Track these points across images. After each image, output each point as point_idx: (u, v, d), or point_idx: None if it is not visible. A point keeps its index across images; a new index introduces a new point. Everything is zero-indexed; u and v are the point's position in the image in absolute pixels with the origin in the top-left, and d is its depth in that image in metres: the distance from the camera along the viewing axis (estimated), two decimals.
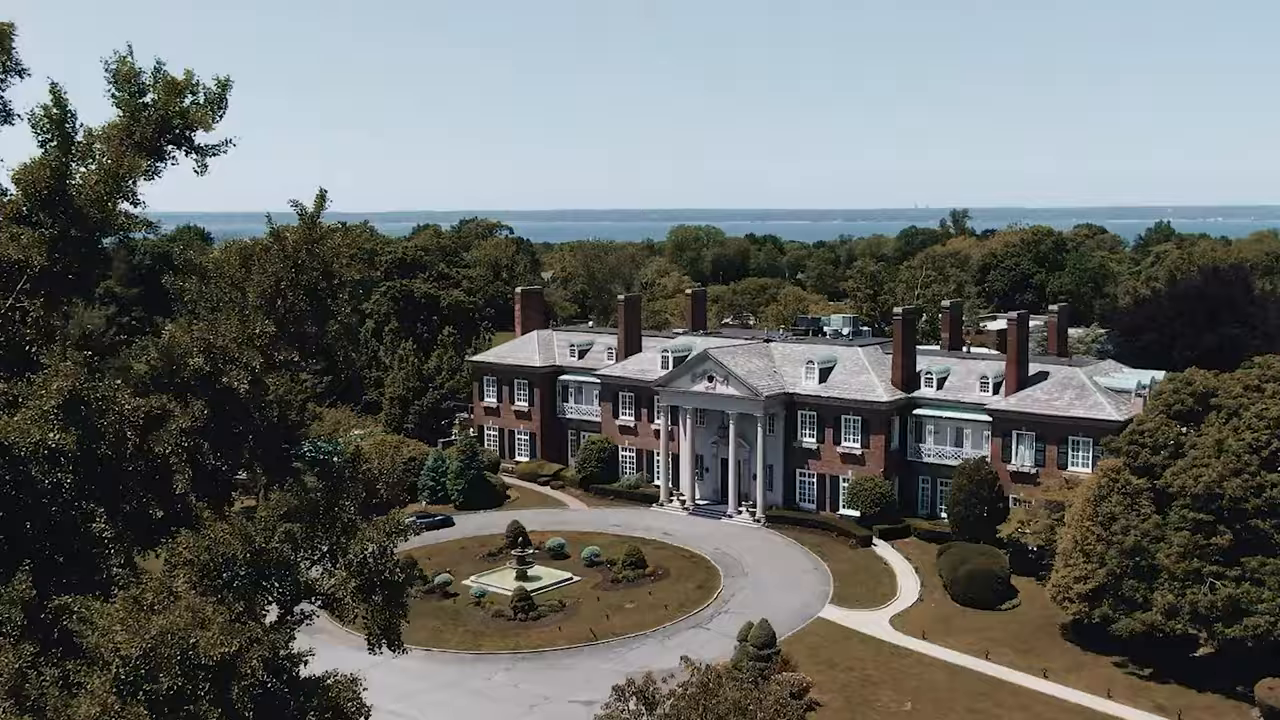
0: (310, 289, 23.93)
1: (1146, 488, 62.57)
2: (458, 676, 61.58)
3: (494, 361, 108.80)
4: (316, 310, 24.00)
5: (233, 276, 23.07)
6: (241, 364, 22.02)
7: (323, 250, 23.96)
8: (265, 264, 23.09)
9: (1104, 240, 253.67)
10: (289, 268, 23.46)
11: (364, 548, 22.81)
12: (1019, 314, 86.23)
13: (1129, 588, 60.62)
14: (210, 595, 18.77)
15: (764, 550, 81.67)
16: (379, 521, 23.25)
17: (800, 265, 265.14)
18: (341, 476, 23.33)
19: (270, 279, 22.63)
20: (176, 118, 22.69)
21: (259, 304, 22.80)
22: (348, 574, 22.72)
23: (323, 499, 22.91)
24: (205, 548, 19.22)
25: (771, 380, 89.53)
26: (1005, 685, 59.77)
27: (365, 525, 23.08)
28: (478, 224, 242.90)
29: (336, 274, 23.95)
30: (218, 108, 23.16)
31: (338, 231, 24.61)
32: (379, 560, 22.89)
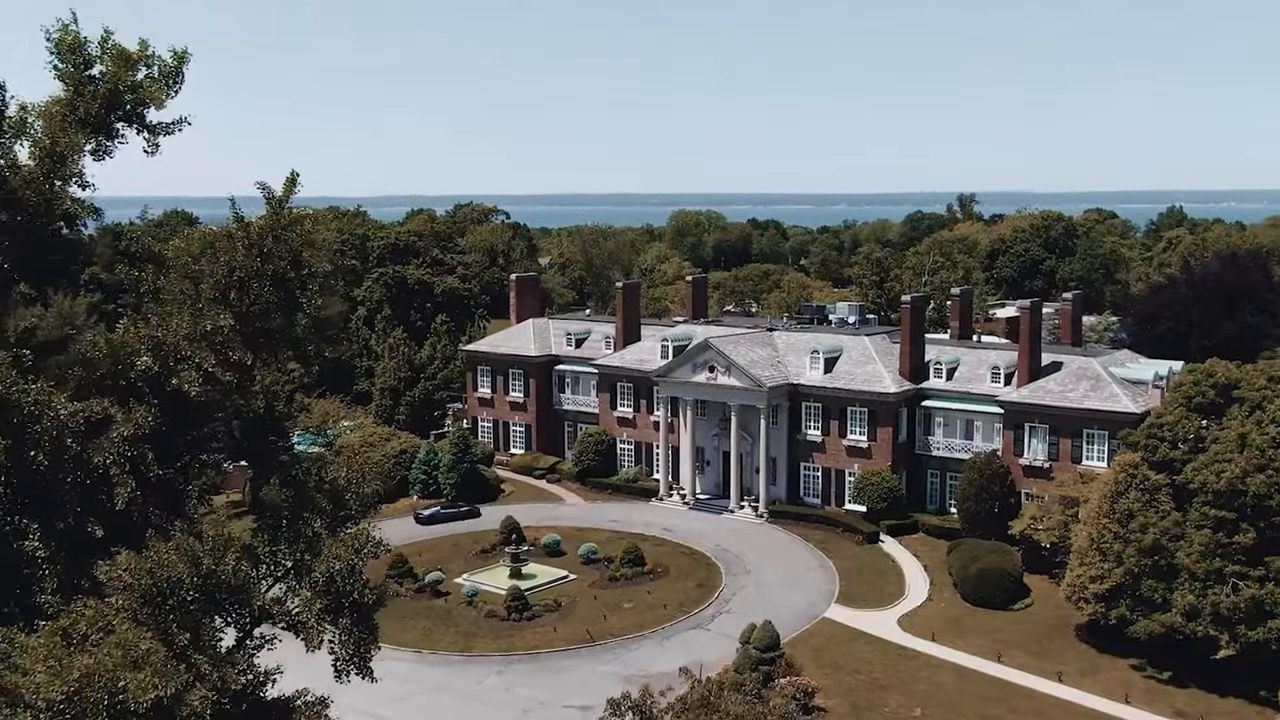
0: (278, 279, 22.35)
1: (1165, 483, 61.34)
2: (448, 679, 60.28)
3: (488, 351, 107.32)
4: (284, 302, 22.41)
5: (186, 268, 21.46)
6: (194, 363, 20.41)
7: (291, 238, 22.36)
8: (227, 253, 21.48)
9: (1114, 225, 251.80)
10: (254, 257, 21.87)
11: (330, 566, 21.26)
12: (1032, 302, 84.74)
13: (1147, 588, 59.39)
14: (151, 625, 17.24)
15: (767, 547, 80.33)
16: (346, 537, 21.69)
17: (804, 251, 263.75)
18: (305, 486, 21.72)
19: (224, 269, 21.03)
20: (127, 92, 21.08)
21: (214, 296, 21.19)
22: (312, 594, 21.17)
23: (286, 510, 21.30)
24: (147, 571, 17.69)
25: (775, 370, 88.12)
26: (1018, 689, 58.52)
27: (332, 541, 21.52)
28: (473, 209, 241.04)
29: (306, 263, 22.35)
30: (172, 82, 21.56)
31: (308, 217, 22.97)
32: (347, 580, 21.35)
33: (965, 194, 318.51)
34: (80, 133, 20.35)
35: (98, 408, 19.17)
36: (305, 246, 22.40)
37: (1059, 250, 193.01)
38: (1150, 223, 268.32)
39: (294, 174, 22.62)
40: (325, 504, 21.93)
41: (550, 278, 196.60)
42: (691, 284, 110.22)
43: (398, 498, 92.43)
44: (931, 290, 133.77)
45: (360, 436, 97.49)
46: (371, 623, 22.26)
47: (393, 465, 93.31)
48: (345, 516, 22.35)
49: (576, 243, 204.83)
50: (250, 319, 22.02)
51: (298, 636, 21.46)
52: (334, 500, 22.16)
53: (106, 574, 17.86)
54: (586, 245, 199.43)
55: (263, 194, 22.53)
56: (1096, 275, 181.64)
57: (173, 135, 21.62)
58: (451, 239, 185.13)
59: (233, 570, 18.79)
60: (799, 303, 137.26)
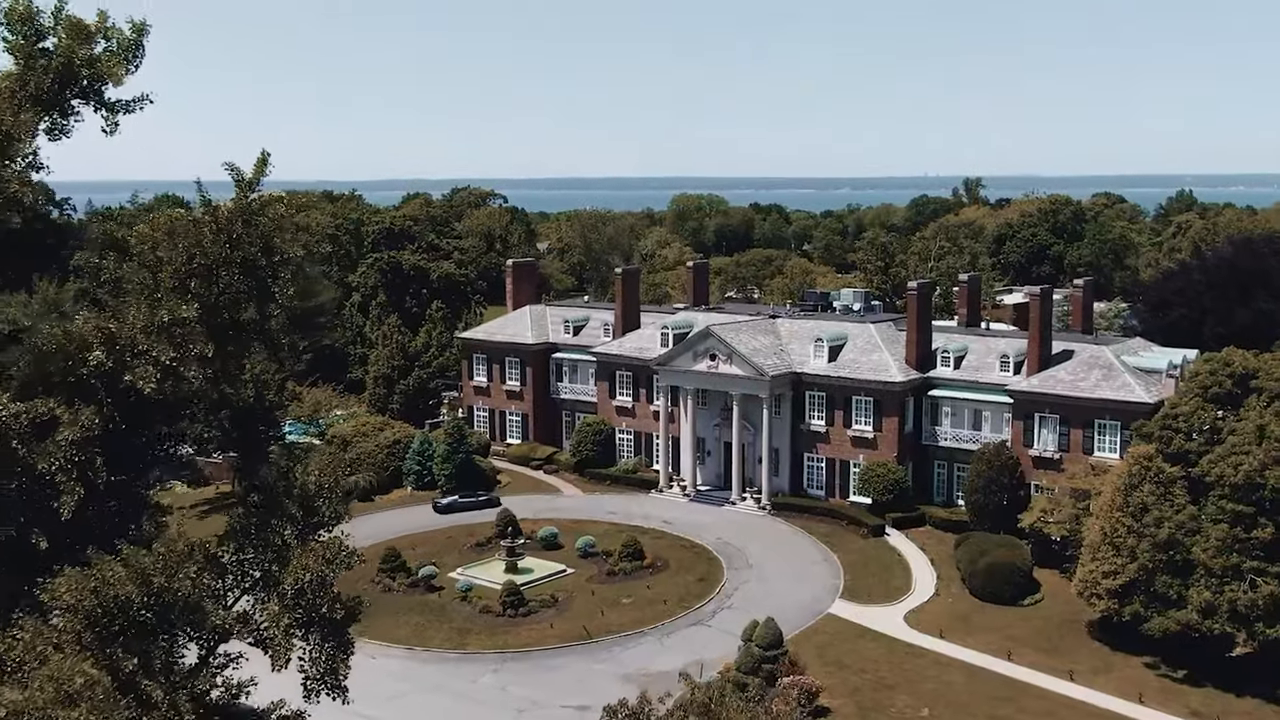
0: (248, 267, 21.09)
1: (1181, 476, 60.27)
2: (441, 678, 59.23)
3: (484, 338, 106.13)
4: (255, 291, 21.15)
5: (145, 255, 20.18)
6: (151, 358, 19.16)
7: (262, 222, 21.10)
8: (193, 238, 20.20)
9: (1123, 210, 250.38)
10: (222, 243, 20.61)
11: (299, 577, 20.03)
12: (1042, 288, 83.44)
13: (1162, 584, 58.30)
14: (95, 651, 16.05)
15: (769, 540, 79.24)
16: (316, 546, 20.44)
17: (807, 235, 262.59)
18: (274, 491, 20.49)
19: (184, 256, 19.74)
20: (84, 67, 19.79)
21: (174, 285, 19.93)
22: (280, 608, 19.94)
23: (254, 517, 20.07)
24: (91, 590, 16.49)
25: (778, 359, 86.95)
26: (1029, 688, 57.48)
27: (302, 551, 20.29)
28: (470, 192, 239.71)
29: (278, 250, 21.08)
30: (132, 56, 20.27)
31: (280, 200, 21.70)
32: (317, 593, 20.12)
33: (971, 178, 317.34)
34: (32, 111, 19.09)
35: (43, 408, 17.96)
36: (278, 232, 21.10)
37: (1067, 235, 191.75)
38: (1159, 207, 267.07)
39: (264, 154, 21.34)
40: (295, 510, 20.70)
41: (549, 263, 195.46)
42: (692, 270, 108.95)
43: (391, 489, 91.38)
44: (937, 276, 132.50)
45: (353, 426, 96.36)
46: (345, 638, 21.09)
47: (386, 456, 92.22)
48: (317, 523, 21.16)
49: (575, 227, 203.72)
50: (218, 309, 20.76)
51: (265, 653, 20.26)
52: (305, 506, 20.94)
53: (49, 594, 16.64)
54: (585, 230, 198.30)
55: (231, 176, 21.27)
56: (1105, 261, 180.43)
57: (133, 114, 20.35)
58: (448, 223, 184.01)
59: (192, 585, 17.59)
60: (802, 289, 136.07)
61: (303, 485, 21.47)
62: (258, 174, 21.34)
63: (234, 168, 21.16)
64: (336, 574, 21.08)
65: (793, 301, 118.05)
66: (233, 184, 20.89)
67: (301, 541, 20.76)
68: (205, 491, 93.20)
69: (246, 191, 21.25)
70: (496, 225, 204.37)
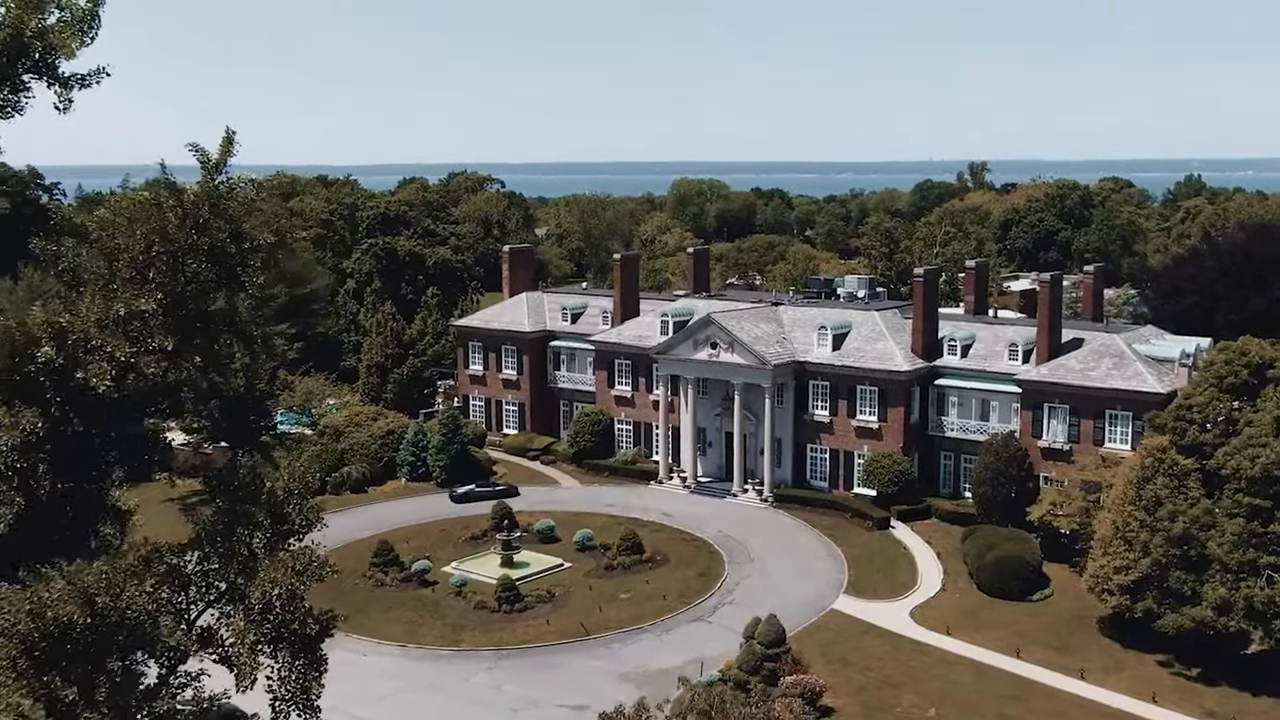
0: (216, 254, 19.87)
1: (1195, 469, 59.26)
2: (435, 676, 58.23)
3: (479, 326, 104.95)
4: (225, 280, 19.94)
5: (102, 242, 18.95)
6: (106, 354, 17.96)
7: (230, 207, 19.87)
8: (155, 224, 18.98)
9: (1131, 195, 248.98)
10: (187, 228, 19.39)
11: (267, 590, 18.84)
12: (1052, 275, 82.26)
13: (1176, 580, 57.31)
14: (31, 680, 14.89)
15: (772, 533, 78.20)
16: (285, 557, 19.24)
17: (809, 221, 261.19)
18: (239, 498, 19.28)
19: (142, 243, 18.53)
20: (35, 39, 18.55)
21: (130, 275, 18.72)
22: (246, 624, 18.75)
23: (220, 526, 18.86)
24: (28, 612, 15.29)
25: (780, 347, 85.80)
26: (1038, 687, 56.50)
27: (270, 562, 19.10)
28: (467, 177, 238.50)
29: (247, 236, 19.86)
30: (87, 27, 19.03)
31: (250, 183, 20.47)
32: (286, 607, 18.93)
33: (976, 162, 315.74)
34: None
35: None
36: (247, 216, 19.87)
37: (1074, 221, 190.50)
38: (1167, 192, 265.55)
39: (230, 133, 20.11)
40: (263, 518, 19.49)
41: (547, 249, 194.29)
42: (693, 256, 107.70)
43: (385, 480, 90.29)
44: (943, 262, 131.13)
45: (346, 416, 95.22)
46: (317, 654, 19.88)
47: (379, 446, 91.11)
48: (287, 531, 19.97)
49: (574, 213, 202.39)
50: (184, 300, 19.53)
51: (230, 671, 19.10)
52: (273, 513, 19.73)
53: None
54: (585, 215, 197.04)
55: (196, 157, 20.04)
56: (1113, 247, 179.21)
57: (89, 89, 19.10)
58: (444, 209, 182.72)
59: (149, 599, 16.42)
60: (805, 275, 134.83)
61: (271, 491, 20.23)
62: (224, 155, 20.13)
63: (199, 149, 19.94)
64: (308, 586, 19.86)
65: (795, 288, 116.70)
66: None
67: (270, 551, 19.55)
68: (194, 484, 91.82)
69: (213, 174, 20.01)
70: (494, 210, 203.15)
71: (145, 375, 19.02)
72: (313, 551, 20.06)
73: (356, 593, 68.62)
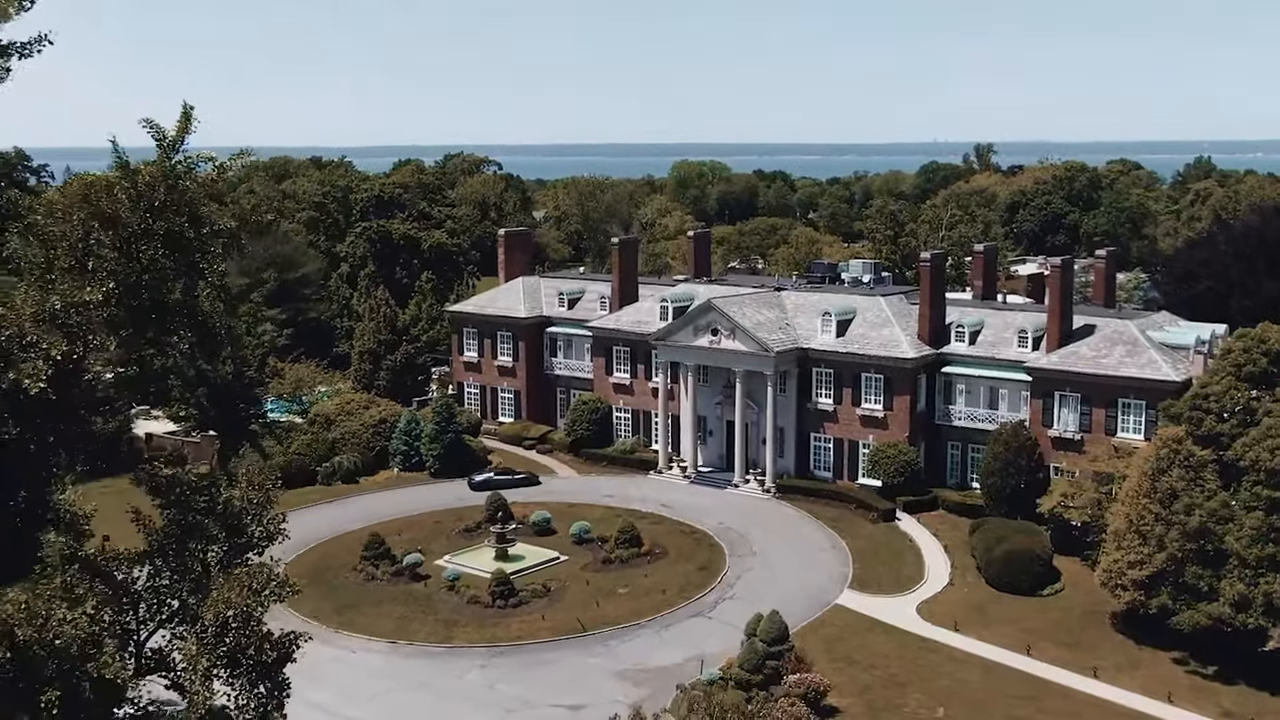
0: (173, 240, 18.48)
1: (1212, 460, 57.94)
2: (426, 674, 57.01)
3: (474, 311, 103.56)
4: (183, 268, 18.56)
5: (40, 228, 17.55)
6: (41, 351, 16.58)
7: (189, 188, 18.48)
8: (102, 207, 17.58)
9: (1139, 177, 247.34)
10: (141, 212, 18.00)
11: (220, 611, 17.46)
12: (1063, 259, 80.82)
13: (1192, 575, 56.09)
14: None
15: (774, 525, 76.96)
16: (241, 575, 17.86)
17: (812, 204, 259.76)
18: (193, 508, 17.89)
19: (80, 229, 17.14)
20: None
21: (70, 264, 17.33)
22: (199, 649, 17.37)
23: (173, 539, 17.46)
24: None
25: (783, 333, 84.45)
26: (1050, 686, 55.30)
27: (225, 581, 17.72)
28: (463, 159, 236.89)
29: (207, 220, 18.47)
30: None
31: (210, 162, 19.07)
32: (242, 630, 17.55)
33: (982, 144, 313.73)
34: None
35: None
36: (206, 199, 18.47)
37: (1083, 203, 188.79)
38: (1176, 174, 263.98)
39: (188, 107, 18.70)
40: (217, 531, 18.10)
41: (545, 232, 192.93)
42: (693, 239, 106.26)
43: (377, 470, 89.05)
44: (949, 246, 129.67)
45: (337, 404, 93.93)
46: (278, 679, 18.50)
47: (371, 435, 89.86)
48: (245, 545, 18.59)
49: (572, 195, 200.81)
50: (137, 290, 18.15)
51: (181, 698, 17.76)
52: (229, 526, 18.33)
53: None
54: (583, 197, 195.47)
55: (151, 135, 18.63)
56: (1123, 230, 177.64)
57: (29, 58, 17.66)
58: (440, 191, 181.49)
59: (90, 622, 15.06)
60: (808, 259, 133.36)
61: (227, 500, 18.82)
62: (181, 132, 18.71)
63: (153, 125, 18.52)
64: (265, 607, 18.46)
65: (799, 273, 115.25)
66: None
67: (227, 567, 18.17)
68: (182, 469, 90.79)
69: (169, 152, 18.60)
70: (491, 193, 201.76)
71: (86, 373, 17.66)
72: (270, 569, 18.60)
73: (346, 587, 67.53)
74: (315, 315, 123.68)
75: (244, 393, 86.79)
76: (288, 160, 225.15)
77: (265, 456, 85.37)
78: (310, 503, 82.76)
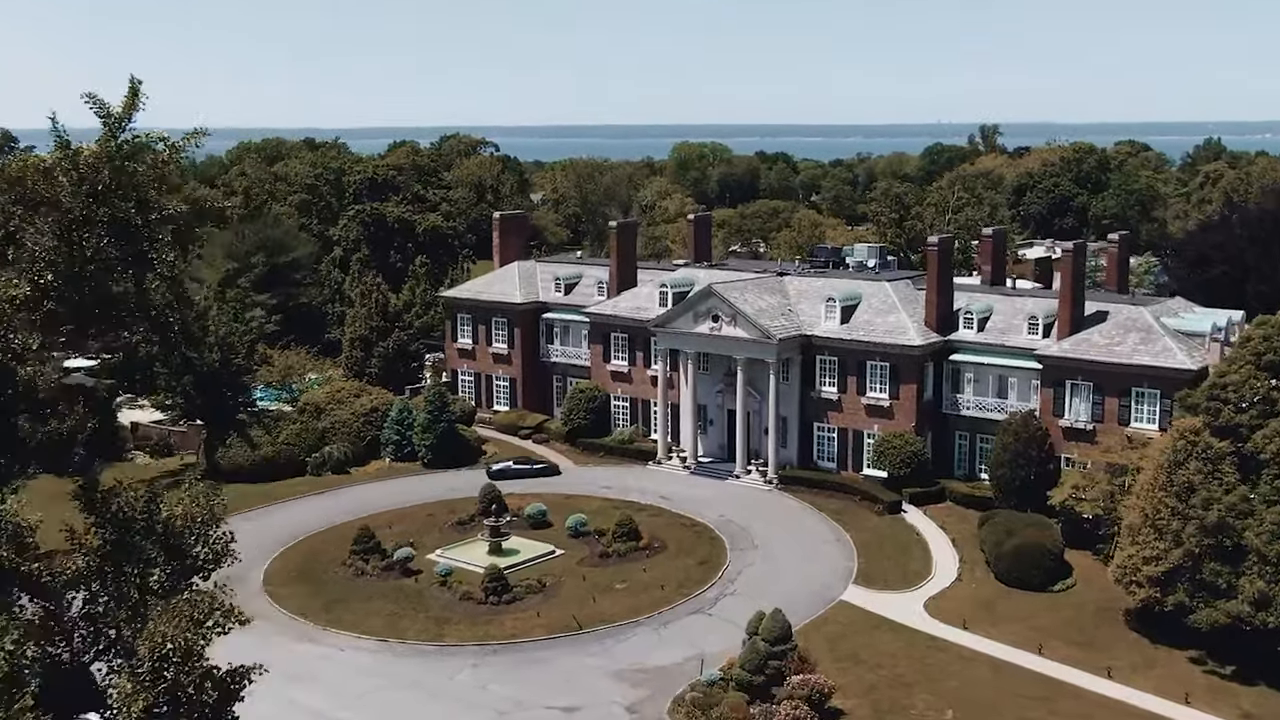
0: (120, 227, 16.96)
1: (1230, 452, 56.38)
2: (415, 674, 55.64)
3: (468, 297, 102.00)
4: (131, 258, 17.05)
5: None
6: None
7: (137, 171, 16.95)
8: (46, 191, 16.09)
9: (1148, 159, 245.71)
10: (83, 196, 16.49)
11: (156, 645, 15.92)
12: (1075, 243, 79.25)
13: (1210, 572, 54.65)
14: None
15: (776, 517, 75.59)
16: (180, 604, 16.31)
17: (815, 186, 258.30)
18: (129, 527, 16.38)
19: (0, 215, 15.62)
20: None
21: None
22: (134, 687, 15.86)
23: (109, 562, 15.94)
24: None
25: (786, 320, 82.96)
26: (1063, 686, 53.94)
27: (162, 610, 16.19)
28: (460, 140, 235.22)
29: (156, 205, 16.95)
30: None
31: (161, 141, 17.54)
32: (182, 667, 16.00)
33: (987, 125, 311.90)
34: None
35: None
36: (155, 182, 16.94)
37: (1091, 185, 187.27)
38: (1185, 156, 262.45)
39: (136, 82, 17.15)
40: (156, 553, 16.57)
41: (542, 215, 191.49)
42: (694, 222, 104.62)
43: (368, 460, 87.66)
44: (956, 229, 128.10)
45: (327, 392, 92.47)
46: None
47: (362, 425, 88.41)
48: (190, 568, 17.08)
49: (571, 177, 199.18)
50: (80, 281, 16.64)
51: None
52: (169, 547, 16.80)
53: None
54: (581, 180, 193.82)
55: (95, 112, 17.07)
56: (1132, 213, 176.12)
57: None
58: (436, 173, 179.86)
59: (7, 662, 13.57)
60: (811, 243, 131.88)
61: (167, 520, 17.26)
62: (129, 109, 17.16)
63: (96, 100, 16.99)
64: (209, 640, 16.92)
65: (802, 257, 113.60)
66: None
67: (169, 593, 16.65)
68: (169, 463, 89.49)
69: (116, 131, 17.05)
70: (487, 175, 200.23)
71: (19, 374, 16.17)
72: (215, 597, 17.07)
73: (335, 582, 66.22)
74: (306, 300, 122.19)
75: (231, 380, 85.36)
76: (280, 142, 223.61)
77: (253, 446, 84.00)
78: (299, 494, 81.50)
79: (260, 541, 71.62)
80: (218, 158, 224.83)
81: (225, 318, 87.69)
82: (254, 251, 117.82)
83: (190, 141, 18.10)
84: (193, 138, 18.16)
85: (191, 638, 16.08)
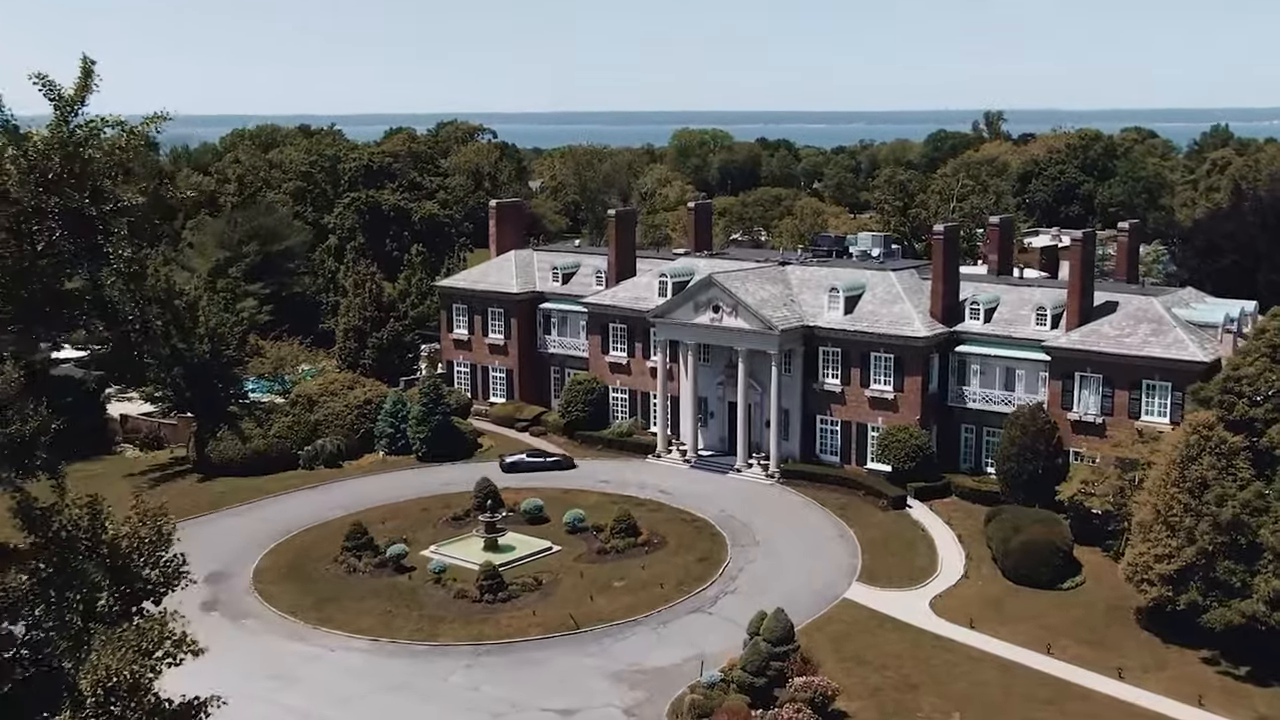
0: (73, 218, 15.84)
1: (1245, 447, 55.34)
2: (408, 675, 54.62)
3: (464, 287, 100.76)
4: (84, 252, 15.93)
5: None
6: None
7: (92, 159, 15.81)
8: None
9: (1155, 146, 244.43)
10: (33, 185, 15.36)
11: (99, 678, 14.74)
12: (1084, 232, 78.08)
13: (1224, 570, 53.66)
14: None
15: (778, 513, 74.52)
16: (127, 633, 15.13)
17: (817, 173, 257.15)
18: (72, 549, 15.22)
19: None
20: None
21: None
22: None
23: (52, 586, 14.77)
24: None
25: (788, 310, 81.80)
26: (1072, 688, 52.93)
27: (106, 640, 15.04)
28: (457, 127, 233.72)
29: (110, 196, 15.82)
30: None
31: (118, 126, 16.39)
32: (129, 702, 14.83)
33: (992, 111, 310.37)
34: None
35: None
36: (112, 170, 15.81)
37: (1098, 173, 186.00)
38: (1192, 143, 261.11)
39: (89, 62, 15.97)
40: (99, 577, 15.38)
41: (541, 202, 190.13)
42: (694, 210, 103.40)
43: (361, 453, 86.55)
44: (961, 217, 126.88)
45: (320, 384, 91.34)
46: None
47: (356, 417, 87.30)
48: (140, 593, 15.92)
49: (569, 164, 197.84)
50: (29, 276, 15.51)
51: None
52: (115, 572, 15.62)
53: None
54: (580, 167, 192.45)
55: (45, 95, 15.91)
56: (1139, 200, 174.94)
57: None
58: (432, 160, 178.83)
59: None
60: (813, 231, 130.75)
61: (113, 540, 16.06)
62: (81, 91, 16.00)
63: (46, 81, 15.83)
64: (158, 672, 15.73)
65: (804, 246, 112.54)
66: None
67: (116, 620, 15.50)
68: (159, 456, 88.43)
69: (68, 115, 15.91)
70: (485, 162, 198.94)
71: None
72: (164, 624, 15.88)
73: (326, 580, 65.18)
74: (300, 290, 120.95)
75: (222, 372, 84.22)
76: (275, 129, 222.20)
77: (244, 439, 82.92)
78: (291, 488, 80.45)
79: (251, 537, 70.59)
80: (211, 145, 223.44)
81: (216, 308, 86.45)
82: (247, 240, 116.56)
83: (150, 126, 16.99)
84: (152, 122, 17.01)
85: (139, 670, 14.91)
